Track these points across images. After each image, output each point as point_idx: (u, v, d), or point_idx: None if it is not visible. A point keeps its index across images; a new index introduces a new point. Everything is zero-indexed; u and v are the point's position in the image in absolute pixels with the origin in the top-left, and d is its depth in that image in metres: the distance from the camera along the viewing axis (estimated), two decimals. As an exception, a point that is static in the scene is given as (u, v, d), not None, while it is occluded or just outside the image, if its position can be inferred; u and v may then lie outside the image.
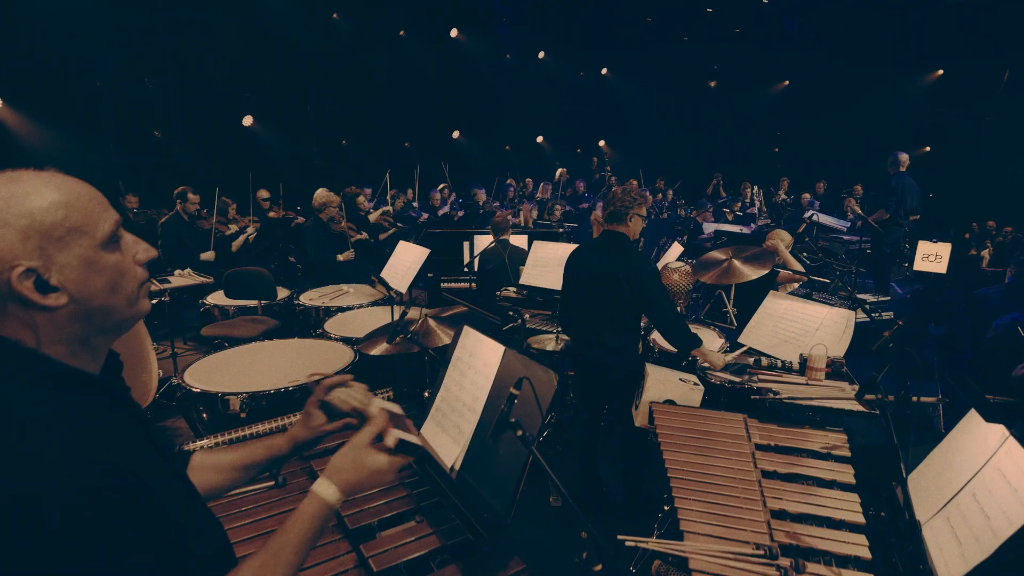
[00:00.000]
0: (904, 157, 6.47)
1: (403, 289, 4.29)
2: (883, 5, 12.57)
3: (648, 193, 10.30)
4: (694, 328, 3.22)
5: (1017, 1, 10.89)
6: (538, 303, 4.46)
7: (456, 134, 12.21)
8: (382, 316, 4.11)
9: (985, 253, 7.41)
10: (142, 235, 0.99)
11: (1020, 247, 8.74)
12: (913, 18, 12.57)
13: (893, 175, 6.43)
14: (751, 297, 4.48)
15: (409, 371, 3.77)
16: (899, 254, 6.80)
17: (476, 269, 5.25)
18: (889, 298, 5.15)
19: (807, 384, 2.71)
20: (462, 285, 5.83)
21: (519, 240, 5.36)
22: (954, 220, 10.80)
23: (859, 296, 5.10)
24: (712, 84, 14.75)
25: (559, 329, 3.76)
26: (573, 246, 4.28)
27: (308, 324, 4.32)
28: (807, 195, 11.05)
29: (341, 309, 4.36)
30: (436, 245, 6.19)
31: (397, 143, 11.32)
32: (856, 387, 2.61)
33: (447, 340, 2.75)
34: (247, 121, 8.56)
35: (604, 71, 14.81)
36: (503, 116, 12.52)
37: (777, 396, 2.51)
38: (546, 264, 4.33)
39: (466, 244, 5.99)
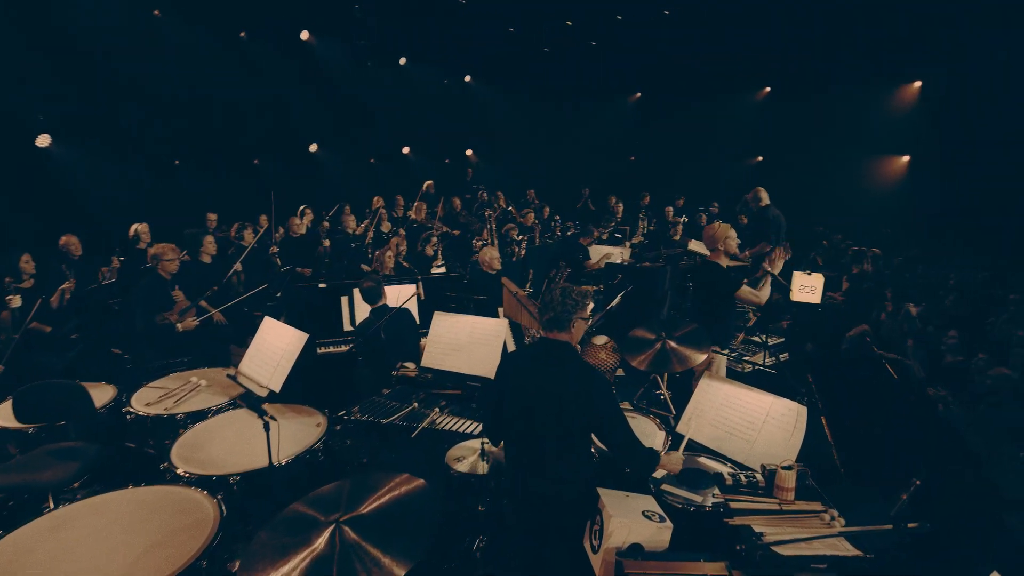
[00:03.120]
0: (764, 193, 6.77)
1: (275, 386, 3.43)
2: (718, 28, 13.54)
3: (532, 213, 10.04)
4: (628, 416, 2.84)
5: (830, 23, 12.27)
6: (447, 383, 3.84)
7: (314, 148, 10.95)
8: (251, 427, 3.23)
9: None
10: None
11: (856, 258, 9.81)
12: (744, 40, 13.71)
13: (763, 208, 6.69)
14: (707, 305, 4.25)
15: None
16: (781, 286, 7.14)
17: (359, 340, 4.46)
18: (783, 339, 5.29)
19: (780, 509, 2.43)
20: (343, 349, 5.00)
21: (407, 290, 4.62)
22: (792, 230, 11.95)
23: (754, 338, 5.16)
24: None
25: (478, 430, 3.19)
26: (490, 323, 3.74)
27: (146, 445, 3.30)
28: (670, 208, 11.49)
29: (193, 417, 3.39)
30: (308, 299, 5.32)
31: (245, 161, 9.86)
32: (832, 510, 2.38)
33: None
34: (42, 142, 6.73)
35: (467, 79, 14.33)
36: (365, 127, 11.49)
37: (761, 541, 2.19)
38: (454, 344, 3.72)
39: (344, 300, 5.14)
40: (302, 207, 8.64)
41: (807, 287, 5.95)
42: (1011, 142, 11.11)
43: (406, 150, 13.25)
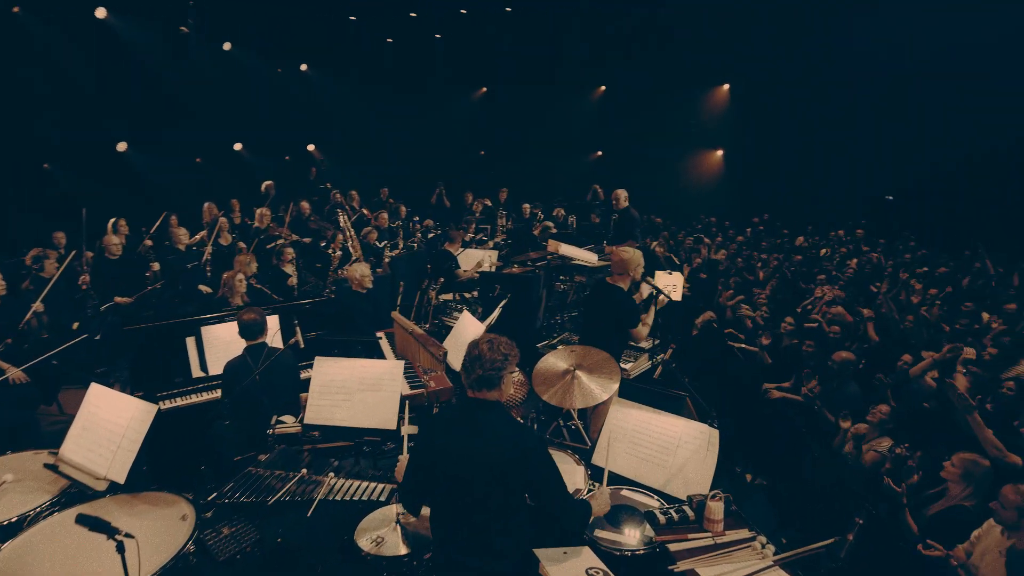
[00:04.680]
0: (623, 193, 7.09)
1: (118, 476, 2.76)
2: (560, 26, 14.03)
3: (386, 215, 9.49)
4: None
5: (657, 28, 13.31)
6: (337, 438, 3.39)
7: (122, 146, 9.25)
8: (90, 538, 2.52)
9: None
10: None
11: (694, 249, 10.77)
12: (582, 40, 14.37)
13: (625, 208, 7.00)
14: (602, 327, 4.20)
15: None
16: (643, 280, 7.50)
17: (223, 385, 3.78)
18: (658, 341, 5.55)
19: (714, 543, 2.45)
20: (195, 400, 4.22)
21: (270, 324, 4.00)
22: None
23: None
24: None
25: (384, 493, 2.83)
26: (381, 366, 3.33)
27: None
28: (527, 205, 11.66)
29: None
30: (140, 342, 4.42)
31: (32, 166, 8.01)
32: (760, 537, 2.45)
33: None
34: None
35: (304, 67, 13.18)
36: (187, 121, 10.00)
37: (710, 587, 2.18)
38: (342, 394, 3.28)
39: (190, 341, 4.35)
40: (114, 219, 7.25)
41: (670, 286, 6.32)
42: (805, 137, 13.05)
43: (238, 147, 11.84)
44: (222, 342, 4.36)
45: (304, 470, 3.04)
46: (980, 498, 3.48)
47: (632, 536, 2.57)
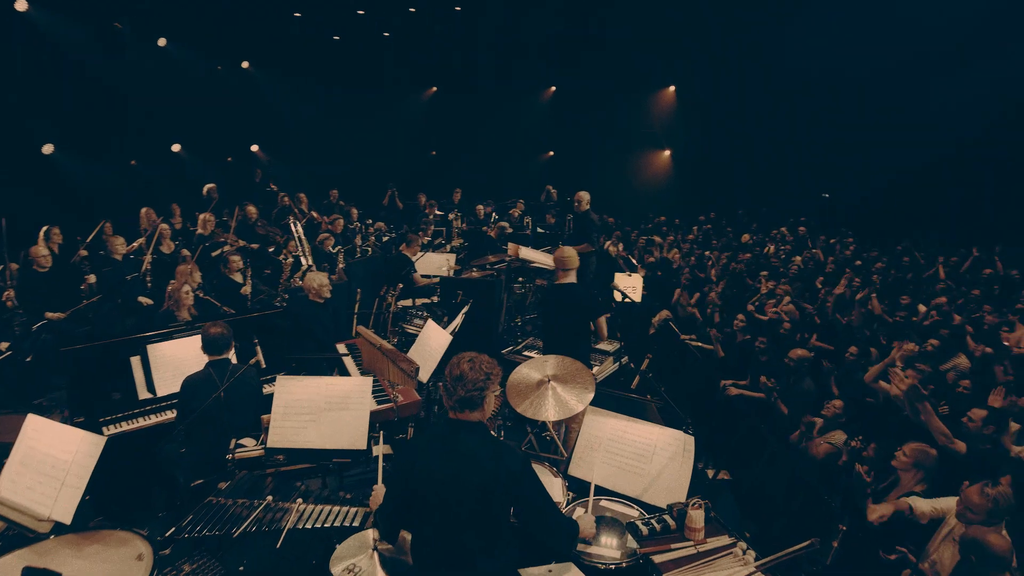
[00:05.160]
0: (586, 196, 7.14)
1: (64, 516, 2.54)
2: (509, 27, 14.00)
3: (341, 219, 9.21)
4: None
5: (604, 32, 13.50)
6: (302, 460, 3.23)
7: (48, 149, 8.60)
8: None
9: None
10: None
11: (647, 248, 10.97)
12: (532, 42, 14.40)
13: (585, 212, 7.04)
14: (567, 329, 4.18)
15: None
16: (601, 282, 7.57)
17: (180, 403, 3.54)
18: (622, 343, 5.59)
19: (696, 552, 2.47)
20: (143, 423, 3.95)
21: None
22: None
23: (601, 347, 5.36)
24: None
25: (358, 517, 2.72)
26: (348, 383, 3.19)
27: None
28: (482, 207, 11.58)
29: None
30: (78, 362, 4.11)
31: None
32: (741, 543, 2.49)
33: None
34: None
35: (245, 65, 12.66)
36: (119, 121, 9.41)
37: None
38: (308, 414, 3.14)
39: (135, 361, 4.07)
40: (46, 228, 6.73)
41: (630, 287, 6.40)
42: (748, 137, 13.51)
43: (176, 148, 11.24)
44: (171, 361, 4.10)
45: (269, 497, 2.89)
46: (930, 483, 3.67)
47: (616, 549, 2.56)
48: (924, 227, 10.56)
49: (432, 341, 4.18)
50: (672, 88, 15.09)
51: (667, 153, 15.83)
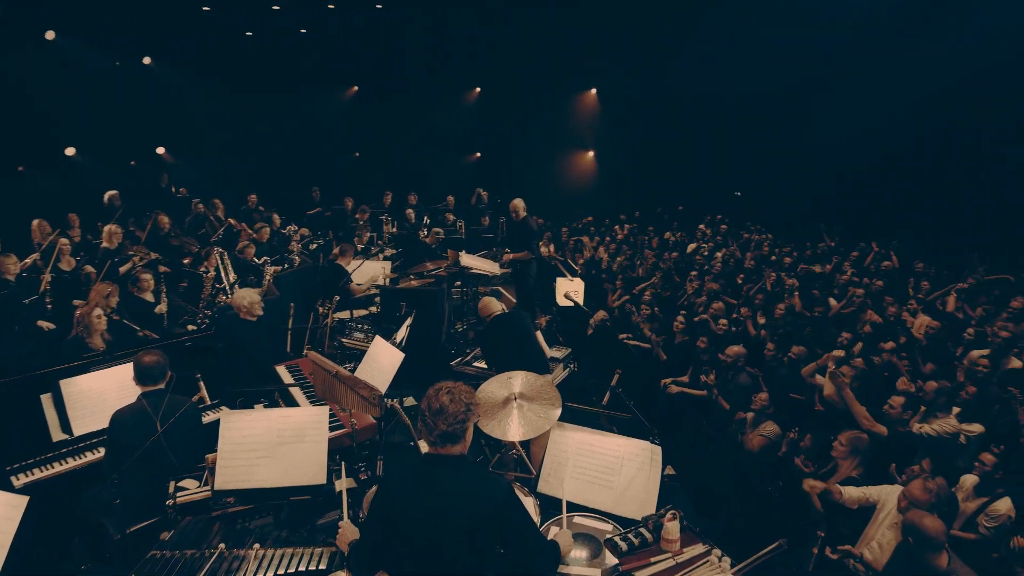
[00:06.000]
0: (521, 203, 7.17)
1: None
2: (432, 26, 13.80)
3: (267, 227, 8.70)
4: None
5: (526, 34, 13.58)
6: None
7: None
8: None
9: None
10: None
11: (577, 248, 11.15)
12: (456, 42, 14.27)
13: (523, 219, 7.06)
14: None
15: None
16: (541, 285, 7.60)
17: (108, 441, 3.18)
18: (570, 349, 5.63)
19: (675, 563, 2.51)
20: (60, 468, 3.53)
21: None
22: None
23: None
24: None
25: (324, 559, 2.56)
26: (302, 414, 2.99)
27: None
28: (410, 211, 11.34)
29: None
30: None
31: None
32: (715, 550, 2.55)
33: None
34: None
35: (147, 60, 11.69)
36: (6, 123, 8.40)
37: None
38: (260, 450, 2.92)
39: (46, 399, 3.63)
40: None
41: (573, 292, 6.47)
42: (667, 137, 14.06)
43: (71, 152, 10.21)
44: (89, 396, 3.70)
45: (222, 545, 2.65)
46: (865, 467, 3.97)
47: (597, 566, 2.56)
48: (828, 222, 11.40)
49: (382, 358, 4.02)
50: (594, 91, 15.43)
51: (591, 154, 16.20)
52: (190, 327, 5.94)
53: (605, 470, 3.03)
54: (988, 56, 8.93)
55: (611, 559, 2.58)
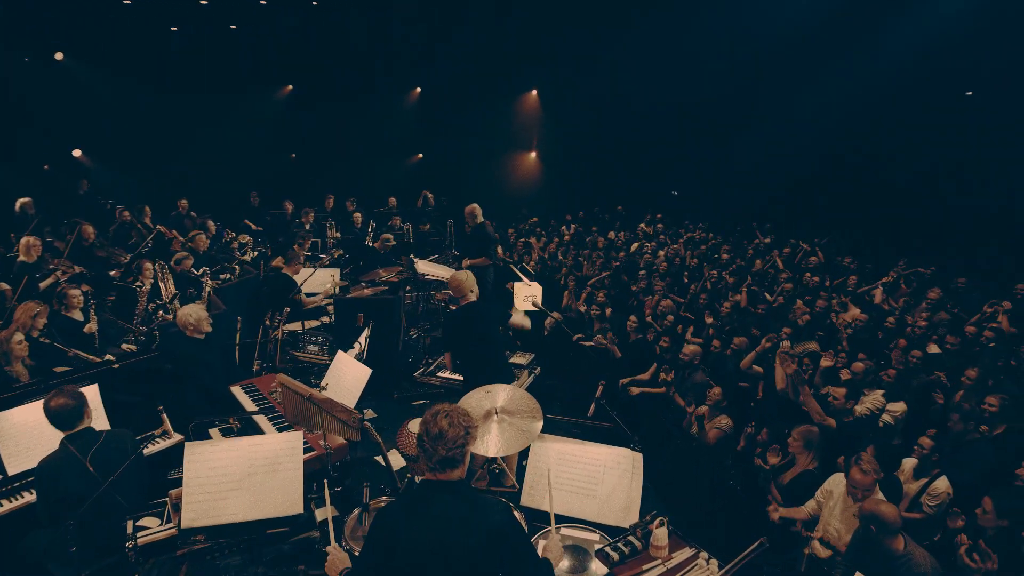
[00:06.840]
0: (479, 210, 7.13)
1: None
2: (373, 26, 13.48)
3: (203, 235, 8.24)
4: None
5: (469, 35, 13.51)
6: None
7: None
8: None
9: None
10: None
11: (526, 249, 11.20)
12: (400, 42, 14.01)
13: (480, 225, 7.01)
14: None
15: None
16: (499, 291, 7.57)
17: (38, 492, 2.91)
18: (533, 355, 5.62)
19: (665, 568, 2.56)
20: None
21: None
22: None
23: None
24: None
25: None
26: (274, 441, 2.83)
27: None
28: (359, 215, 11.03)
29: None
30: None
31: None
32: (703, 552, 2.62)
33: None
34: None
35: (59, 56, 10.81)
36: None
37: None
38: (229, 483, 2.75)
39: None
40: None
41: (529, 296, 6.47)
42: (605, 138, 14.35)
43: (-28, 156, 9.31)
44: (22, 430, 3.38)
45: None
46: (820, 460, 4.19)
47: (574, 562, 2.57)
48: (759, 220, 11.99)
49: (347, 374, 3.89)
50: (535, 92, 15.53)
51: (533, 155, 16.31)
52: (126, 347, 5.54)
53: (588, 479, 3.05)
54: (908, 69, 9.68)
55: (601, 569, 2.60)
